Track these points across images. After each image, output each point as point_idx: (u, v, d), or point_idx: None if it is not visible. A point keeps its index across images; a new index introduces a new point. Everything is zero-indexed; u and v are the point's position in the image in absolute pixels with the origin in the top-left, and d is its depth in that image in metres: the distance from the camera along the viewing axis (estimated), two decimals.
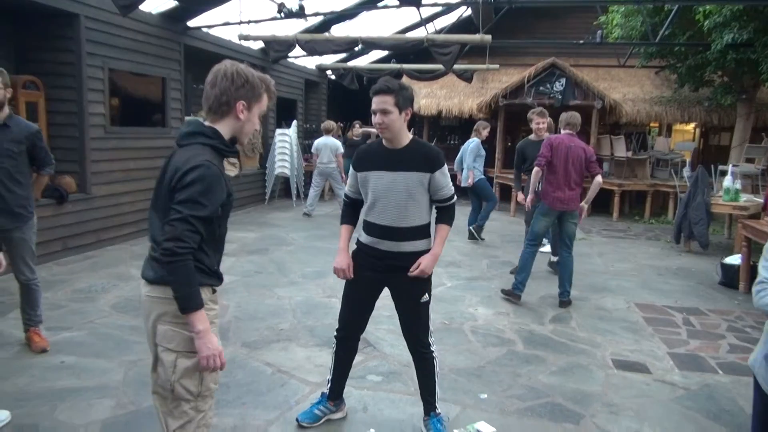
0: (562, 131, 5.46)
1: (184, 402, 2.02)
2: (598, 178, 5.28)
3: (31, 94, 6.17)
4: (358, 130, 11.31)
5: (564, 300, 5.36)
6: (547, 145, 5.33)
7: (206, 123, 2.04)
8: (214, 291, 2.09)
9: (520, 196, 7.09)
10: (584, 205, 5.49)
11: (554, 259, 6.35)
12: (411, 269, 2.77)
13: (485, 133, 8.28)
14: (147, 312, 2.04)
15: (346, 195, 3.04)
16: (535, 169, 5.46)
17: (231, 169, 8.97)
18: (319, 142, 9.73)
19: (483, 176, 8.26)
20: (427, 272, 2.79)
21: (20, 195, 3.65)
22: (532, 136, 6.72)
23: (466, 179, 8.07)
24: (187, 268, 1.85)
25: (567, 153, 5.23)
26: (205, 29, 8.82)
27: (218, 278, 2.11)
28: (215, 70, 2.02)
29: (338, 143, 9.76)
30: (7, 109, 3.57)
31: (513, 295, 5.39)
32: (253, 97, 2.04)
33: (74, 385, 3.43)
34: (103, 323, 4.46)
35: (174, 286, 1.87)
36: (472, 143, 8.13)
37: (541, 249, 6.33)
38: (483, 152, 8.24)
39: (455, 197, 2.90)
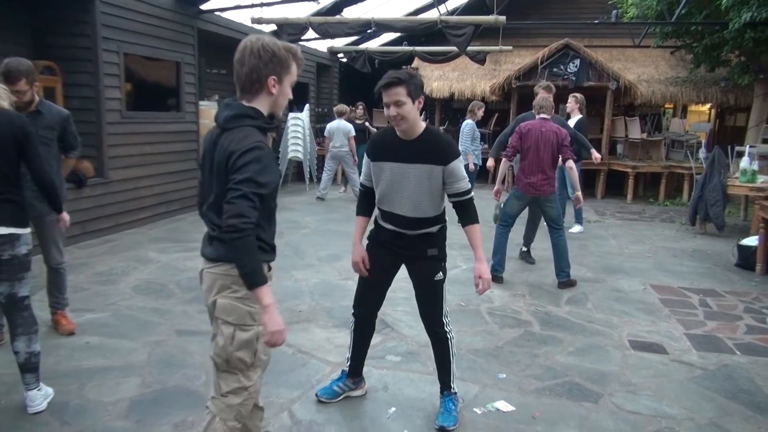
0: (536, 116, 5.42)
1: (238, 371, 2.12)
2: (569, 163, 5.24)
3: (48, 79, 6.22)
4: (360, 111, 11.10)
5: (562, 281, 5.34)
6: (516, 134, 5.30)
7: (243, 102, 2.08)
8: (269, 268, 2.18)
9: (491, 162, 7.20)
10: (577, 194, 5.49)
11: (524, 249, 6.29)
12: (478, 291, 2.81)
13: (480, 113, 8.21)
14: (208, 287, 2.12)
15: (362, 184, 3.03)
16: (503, 160, 5.45)
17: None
18: (331, 125, 9.73)
19: (480, 162, 8.17)
20: (487, 278, 2.81)
21: (57, 181, 3.72)
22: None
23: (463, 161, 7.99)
24: (251, 244, 1.91)
25: (538, 138, 5.18)
26: (217, 12, 8.81)
27: (274, 252, 2.20)
28: (241, 47, 2.04)
29: (350, 127, 9.76)
30: (36, 97, 3.63)
31: (495, 278, 5.38)
32: (283, 69, 2.07)
33: (101, 364, 3.51)
34: (125, 305, 4.54)
35: (240, 263, 1.92)
36: (467, 126, 8.02)
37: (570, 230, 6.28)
38: (478, 134, 8.17)
39: (472, 191, 2.86)
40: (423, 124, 2.78)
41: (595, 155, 7.25)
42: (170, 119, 7.92)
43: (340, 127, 9.65)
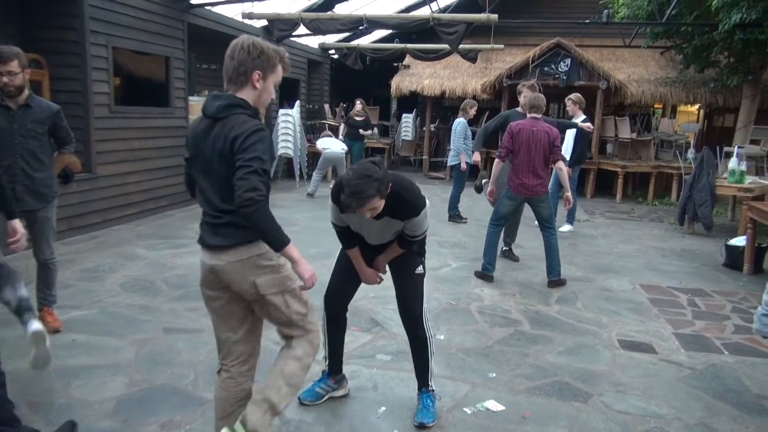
0: (528, 115, 5.41)
1: (299, 323, 2.38)
2: (559, 164, 5.24)
3: (35, 73, 6.11)
4: (359, 107, 10.98)
5: (553, 280, 5.34)
6: (508, 134, 5.25)
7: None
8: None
9: (476, 157, 7.22)
10: (567, 194, 5.49)
11: (505, 248, 6.27)
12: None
13: (472, 112, 8.20)
14: (237, 277, 2.23)
15: (335, 224, 2.96)
16: (496, 161, 5.42)
17: None
18: (326, 140, 9.86)
19: (471, 161, 8.18)
20: (380, 266, 3.01)
21: (45, 175, 3.70)
22: (519, 108, 6.44)
23: (455, 158, 7.97)
24: (268, 212, 2.06)
25: (529, 138, 5.15)
26: (208, 7, 8.72)
27: None
28: (233, 44, 2.20)
29: (344, 145, 9.97)
30: (27, 90, 3.58)
31: (485, 276, 5.42)
32: (268, 67, 2.22)
33: (87, 362, 3.47)
34: (112, 302, 4.49)
35: (263, 230, 2.09)
36: (459, 124, 8.02)
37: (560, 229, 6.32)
38: (470, 132, 8.18)
39: (423, 236, 2.87)
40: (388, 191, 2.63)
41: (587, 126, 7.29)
42: (160, 114, 7.84)
43: (335, 140, 9.98)
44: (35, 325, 2.77)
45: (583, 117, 7.50)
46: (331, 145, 9.69)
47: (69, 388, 3.15)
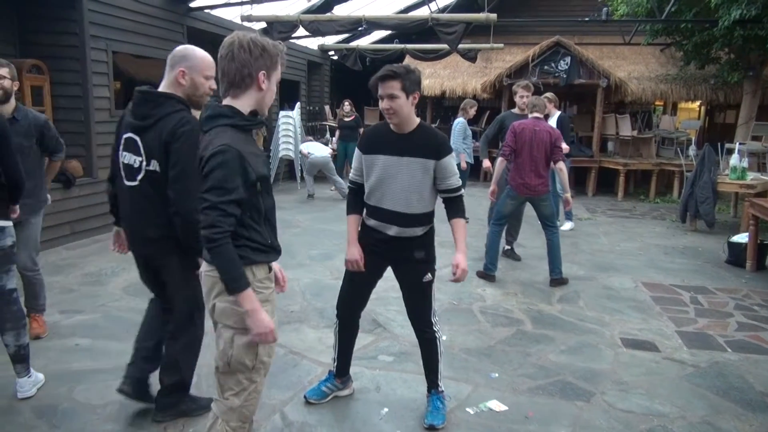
0: (529, 115, 5.41)
1: (239, 373, 2.11)
2: (560, 165, 5.25)
3: (36, 78, 6.15)
4: (347, 107, 10.73)
5: (555, 278, 5.34)
6: (511, 133, 5.26)
7: (224, 101, 2.05)
8: (270, 269, 2.14)
9: (486, 163, 7.19)
10: (566, 195, 5.49)
11: (507, 247, 6.28)
12: (453, 278, 2.83)
13: (472, 112, 8.22)
14: (207, 290, 2.12)
15: (351, 180, 3.00)
16: (499, 159, 5.41)
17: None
18: (310, 145, 9.90)
19: (472, 160, 8.19)
20: (464, 268, 2.82)
21: (31, 185, 3.63)
22: (515, 110, 6.49)
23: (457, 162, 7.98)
24: (227, 251, 1.90)
25: (532, 138, 5.16)
26: (207, 10, 8.74)
27: (276, 251, 2.17)
28: (228, 42, 2.00)
29: (327, 149, 9.99)
30: (13, 101, 3.54)
31: (487, 276, 5.41)
32: (271, 65, 2.06)
33: (90, 366, 3.47)
34: (115, 306, 4.49)
35: (219, 270, 1.94)
36: (458, 124, 8.02)
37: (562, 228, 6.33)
38: (470, 132, 8.19)
39: (463, 189, 2.89)
40: (417, 120, 2.80)
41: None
42: None
43: (316, 144, 10.03)
44: (23, 390, 3.02)
45: (558, 113, 7.51)
46: (315, 150, 9.67)
47: (72, 392, 3.16)
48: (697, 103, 14.47)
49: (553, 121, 7.40)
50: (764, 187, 7.80)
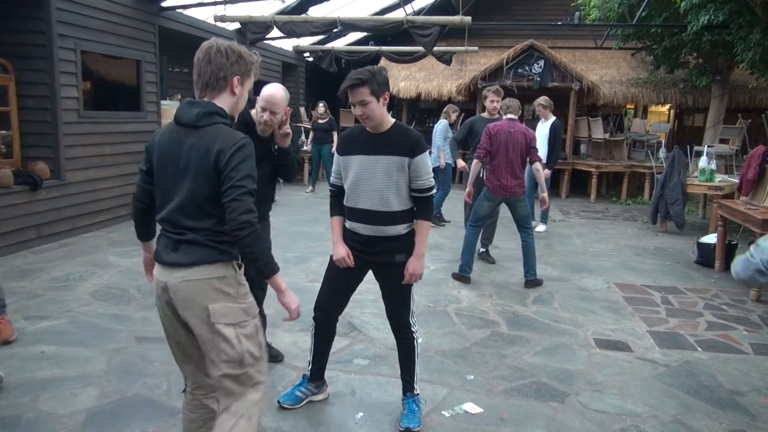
0: (504, 117, 5.45)
1: (249, 367, 2.12)
2: (536, 165, 5.30)
3: (1, 77, 5.98)
4: (321, 109, 10.50)
5: (530, 279, 5.37)
6: (486, 135, 5.29)
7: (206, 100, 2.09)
8: (240, 266, 2.15)
9: (461, 163, 7.28)
10: (543, 195, 5.54)
11: (482, 250, 6.29)
12: (404, 279, 2.81)
13: (454, 116, 8.36)
14: (188, 297, 2.03)
15: (332, 184, 2.99)
16: (474, 161, 5.44)
17: None
18: None
19: (452, 162, 8.23)
20: (418, 274, 2.81)
21: None
22: (484, 114, 6.53)
23: (437, 159, 7.99)
24: (260, 236, 1.98)
25: (507, 140, 5.20)
26: (179, 10, 8.61)
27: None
28: (207, 47, 2.06)
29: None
30: None
31: (463, 278, 5.43)
32: (246, 72, 2.12)
33: (56, 374, 3.37)
34: (82, 312, 4.38)
35: (256, 255, 1.98)
36: (440, 124, 8.16)
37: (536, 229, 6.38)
38: (451, 133, 8.24)
39: (434, 190, 2.88)
40: (391, 120, 2.80)
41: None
42: (131, 119, 7.70)
43: None
44: None
45: (554, 119, 7.58)
46: None
47: (37, 402, 3.05)
48: (667, 106, 14.78)
49: (546, 126, 7.48)
50: (732, 188, 7.98)
